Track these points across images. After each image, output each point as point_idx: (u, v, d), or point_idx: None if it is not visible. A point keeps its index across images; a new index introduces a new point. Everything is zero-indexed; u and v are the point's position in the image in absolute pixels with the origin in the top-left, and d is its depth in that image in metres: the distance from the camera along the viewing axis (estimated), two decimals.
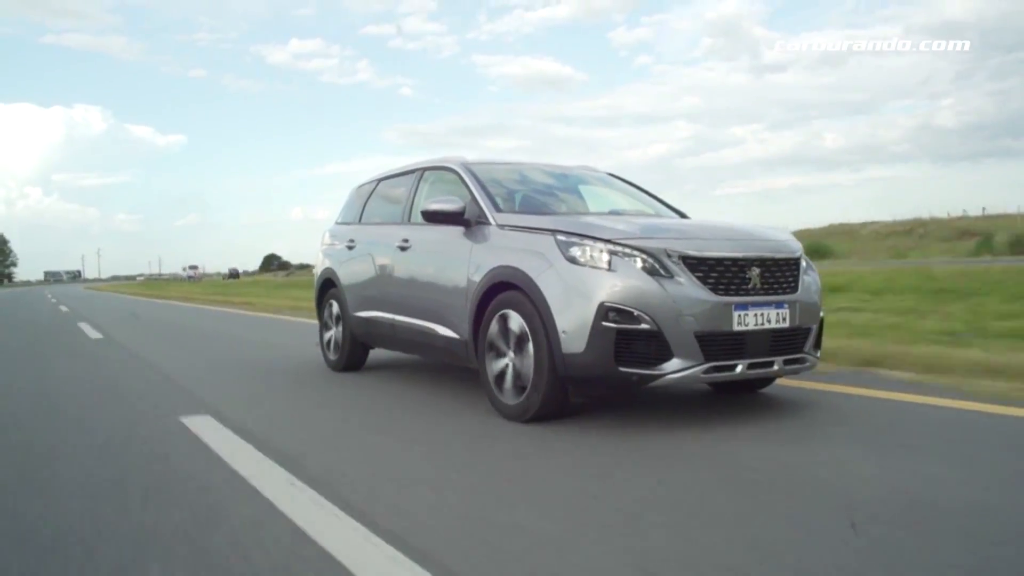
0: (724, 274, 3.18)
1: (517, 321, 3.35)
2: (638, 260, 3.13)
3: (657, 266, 3.12)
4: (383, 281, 4.68)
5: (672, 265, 3.14)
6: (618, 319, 3.03)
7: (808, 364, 3.47)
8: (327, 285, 5.49)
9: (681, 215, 4.51)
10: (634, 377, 3.06)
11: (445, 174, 4.43)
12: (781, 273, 3.36)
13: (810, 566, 1.74)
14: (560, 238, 3.30)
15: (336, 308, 5.29)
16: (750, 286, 3.22)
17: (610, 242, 3.18)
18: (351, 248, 5.19)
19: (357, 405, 4.12)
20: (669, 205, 4.67)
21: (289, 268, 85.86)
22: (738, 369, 3.17)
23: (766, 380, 3.82)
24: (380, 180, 5.34)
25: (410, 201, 4.67)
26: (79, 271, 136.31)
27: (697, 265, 3.16)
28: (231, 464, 2.76)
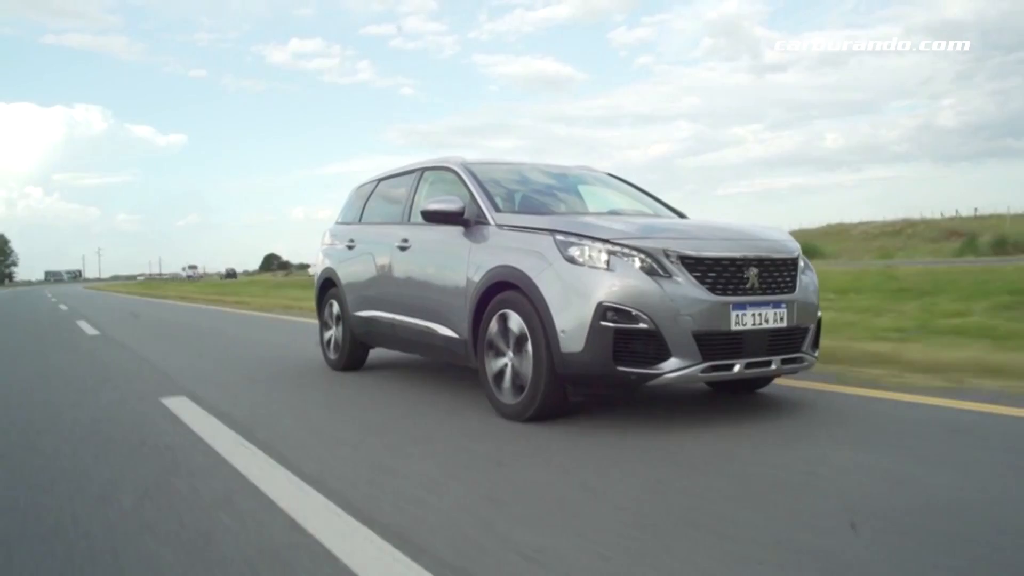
0: (722, 274, 3.20)
1: (516, 320, 3.37)
2: (636, 260, 3.14)
3: (655, 266, 3.14)
4: (383, 281, 4.69)
5: (670, 265, 3.15)
6: (616, 318, 3.04)
7: (806, 364, 3.48)
8: (327, 285, 5.50)
9: (680, 215, 4.52)
10: (632, 376, 3.08)
11: (445, 174, 4.45)
12: (779, 273, 3.38)
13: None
14: (559, 238, 3.31)
15: (336, 308, 5.30)
16: (748, 286, 3.23)
17: (608, 242, 3.20)
18: (351, 248, 5.21)
19: (323, 386, 4.35)
20: (668, 205, 4.68)
21: (289, 268, 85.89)
22: (736, 368, 3.18)
23: (764, 380, 3.84)
24: (380, 180, 5.36)
25: (410, 201, 4.68)
26: (79, 271, 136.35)
27: (695, 265, 3.17)
28: (197, 432, 3.26)
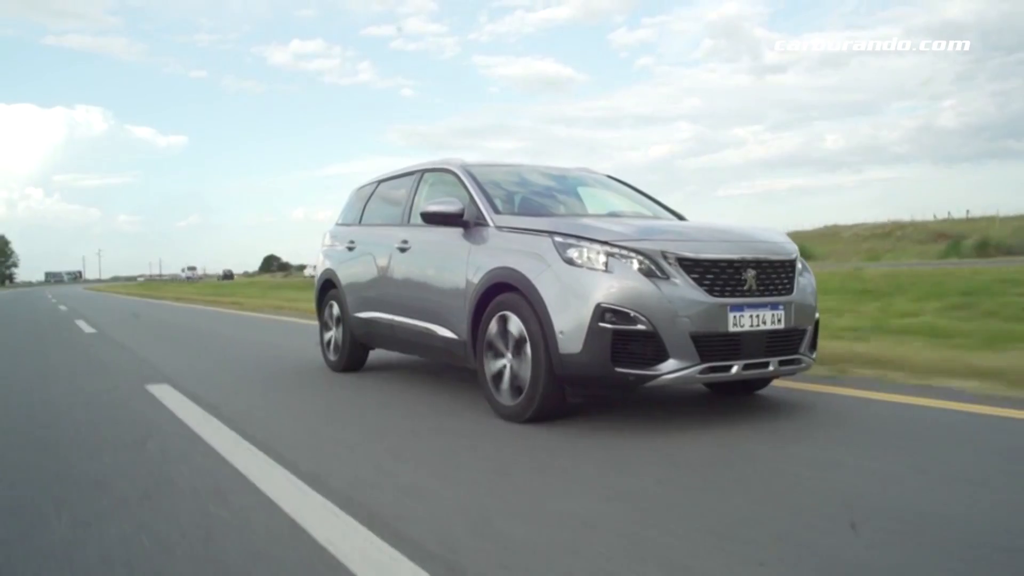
0: (720, 276, 3.21)
1: (515, 322, 3.38)
2: (635, 262, 3.16)
3: (653, 267, 3.15)
4: (383, 282, 4.71)
5: (668, 267, 3.16)
6: (614, 320, 3.06)
7: (804, 365, 3.50)
8: (327, 286, 5.51)
9: (679, 217, 4.54)
10: (630, 377, 3.09)
11: (444, 176, 4.46)
12: (776, 275, 3.39)
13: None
14: (557, 240, 3.32)
15: (336, 309, 5.31)
16: (746, 287, 3.25)
17: (607, 244, 3.21)
18: (351, 249, 5.22)
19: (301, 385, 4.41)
20: (667, 207, 4.70)
21: (288, 269, 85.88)
22: (734, 370, 3.20)
23: (763, 381, 3.85)
24: (380, 182, 5.37)
25: (410, 203, 4.70)
26: (80, 272, 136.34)
27: (693, 267, 3.19)
28: (175, 413, 3.83)
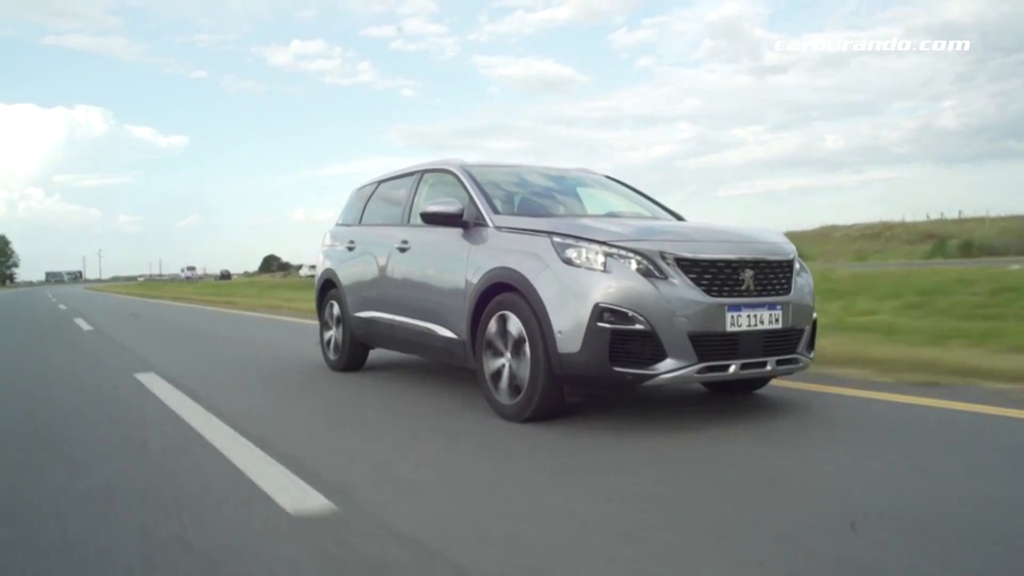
0: (718, 276, 3.23)
1: (514, 322, 3.40)
2: (633, 262, 3.17)
3: (651, 268, 3.17)
4: (383, 282, 4.73)
5: (666, 267, 3.18)
6: (613, 320, 3.08)
7: (801, 365, 3.51)
8: (327, 286, 5.53)
9: (677, 217, 4.56)
10: (629, 377, 3.11)
11: (444, 176, 4.48)
12: (774, 275, 3.41)
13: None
14: (556, 240, 3.34)
15: (336, 309, 5.33)
16: (743, 287, 3.27)
17: (605, 244, 3.23)
18: (351, 249, 5.24)
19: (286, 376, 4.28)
20: (666, 208, 4.72)
21: (288, 269, 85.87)
22: (731, 369, 3.22)
23: (761, 380, 3.87)
24: (380, 182, 5.39)
25: (409, 203, 4.72)
26: (80, 272, 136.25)
27: (691, 267, 3.20)
28: (158, 395, 4.38)
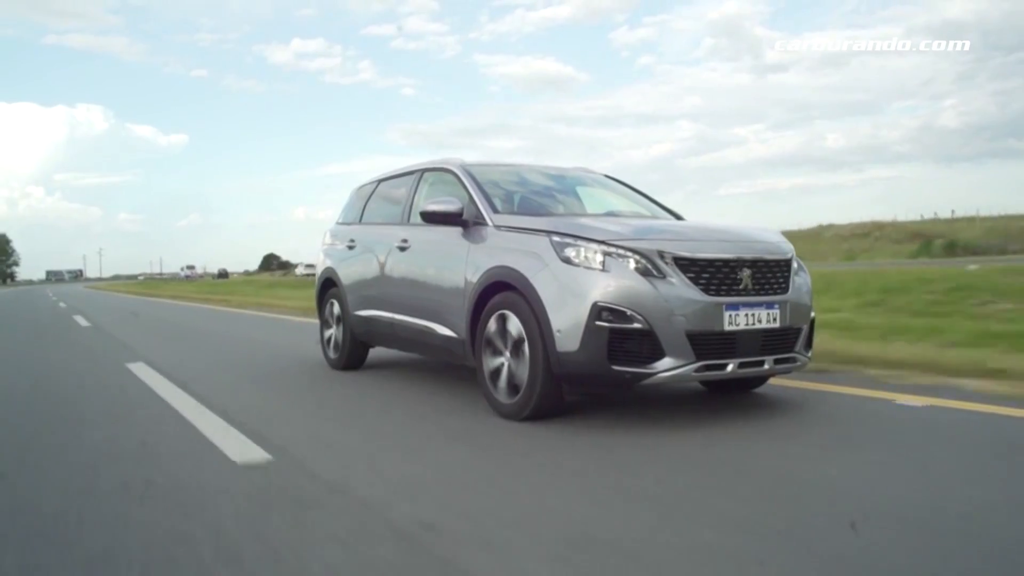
0: (716, 275, 3.24)
1: (513, 320, 3.41)
2: (631, 261, 3.19)
3: (650, 267, 3.18)
4: (383, 281, 4.74)
5: (665, 266, 3.20)
6: (611, 318, 3.09)
7: (799, 364, 3.53)
8: (328, 284, 5.54)
9: (676, 217, 4.57)
10: (627, 375, 3.12)
11: (444, 175, 4.50)
12: (772, 274, 3.42)
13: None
14: (555, 239, 3.36)
15: (337, 307, 5.35)
16: (741, 287, 3.28)
17: (604, 243, 3.24)
18: (351, 248, 5.25)
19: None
20: (665, 207, 4.73)
21: (288, 268, 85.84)
22: (729, 368, 3.23)
23: (759, 379, 3.88)
24: (380, 181, 5.41)
25: (409, 202, 4.73)
26: (81, 271, 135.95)
27: (689, 266, 3.22)
28: (146, 382, 4.89)
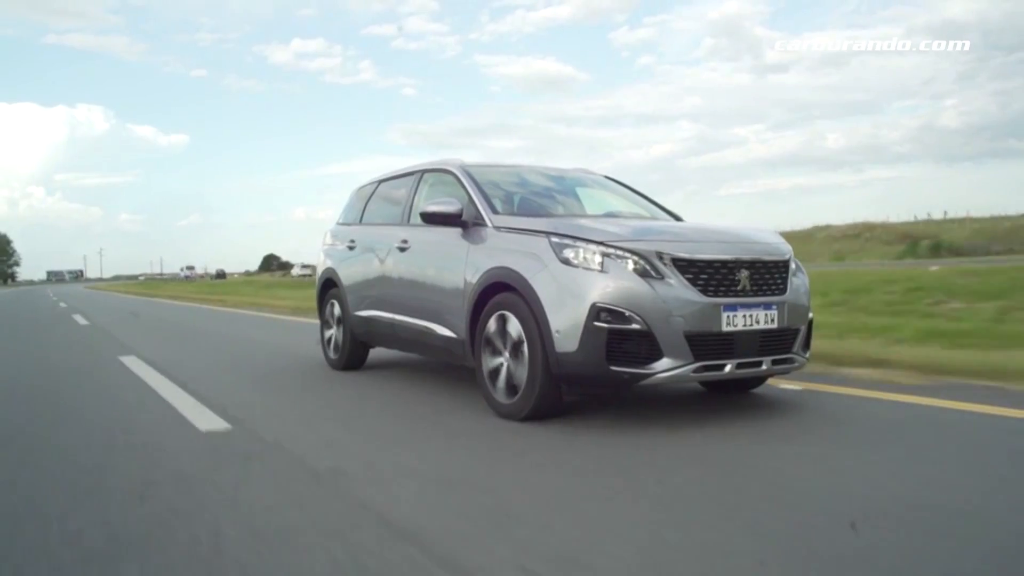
0: (714, 276, 3.26)
1: (512, 321, 3.43)
2: (630, 262, 3.20)
3: (648, 268, 3.20)
4: (383, 281, 4.76)
5: (663, 267, 3.21)
6: (610, 319, 3.10)
7: (796, 364, 3.54)
8: (328, 285, 5.55)
9: (676, 218, 4.59)
10: (625, 376, 3.14)
11: (444, 176, 4.51)
12: (770, 275, 3.44)
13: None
14: (554, 240, 3.37)
15: (337, 308, 5.36)
16: (739, 287, 3.29)
17: (602, 244, 3.26)
18: (352, 248, 5.27)
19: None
20: (664, 208, 4.75)
21: (288, 268, 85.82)
22: (727, 369, 3.25)
23: (758, 380, 3.90)
24: (380, 182, 5.42)
25: (409, 202, 4.75)
26: (81, 271, 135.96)
27: (687, 267, 3.23)
28: (137, 374, 5.32)
